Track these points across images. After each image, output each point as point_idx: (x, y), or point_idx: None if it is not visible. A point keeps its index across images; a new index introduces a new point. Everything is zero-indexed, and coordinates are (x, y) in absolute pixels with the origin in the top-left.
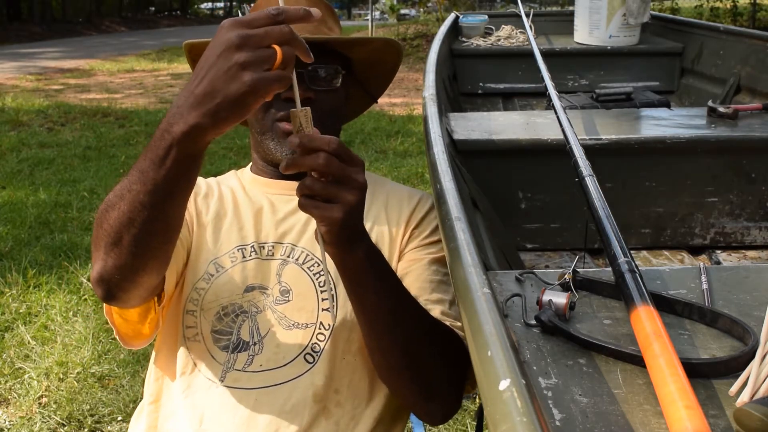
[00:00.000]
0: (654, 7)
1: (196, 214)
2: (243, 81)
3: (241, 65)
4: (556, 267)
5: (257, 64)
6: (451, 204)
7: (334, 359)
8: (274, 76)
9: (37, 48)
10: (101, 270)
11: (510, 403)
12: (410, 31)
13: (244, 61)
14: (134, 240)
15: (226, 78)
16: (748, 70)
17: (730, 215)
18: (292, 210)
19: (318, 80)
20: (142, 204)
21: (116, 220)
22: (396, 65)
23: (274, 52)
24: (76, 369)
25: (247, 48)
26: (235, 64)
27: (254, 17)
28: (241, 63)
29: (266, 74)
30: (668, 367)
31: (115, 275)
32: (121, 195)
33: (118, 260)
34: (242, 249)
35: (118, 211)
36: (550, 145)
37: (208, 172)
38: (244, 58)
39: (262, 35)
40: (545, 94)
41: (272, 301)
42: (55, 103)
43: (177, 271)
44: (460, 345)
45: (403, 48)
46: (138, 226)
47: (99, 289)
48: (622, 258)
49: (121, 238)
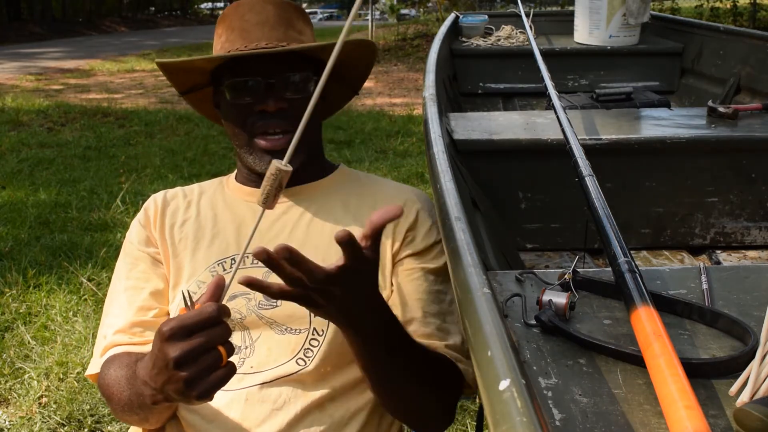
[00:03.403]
0: (654, 7)
1: (171, 244)
2: (192, 395)
3: (185, 382)
4: (556, 267)
5: (203, 378)
6: (451, 204)
7: (327, 361)
8: (221, 376)
9: (37, 48)
10: (117, 416)
11: (510, 403)
12: (410, 31)
13: (188, 377)
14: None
15: (176, 390)
16: (748, 70)
17: (730, 215)
18: (276, 218)
19: (290, 88)
20: (128, 409)
21: (116, 403)
22: (371, 61)
23: (218, 355)
24: (76, 369)
25: (188, 366)
26: (181, 380)
27: (193, 322)
28: (185, 380)
29: (214, 380)
30: (668, 367)
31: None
32: (115, 392)
33: (127, 420)
34: (222, 263)
35: (115, 401)
36: (550, 145)
37: (208, 172)
38: (188, 375)
39: (201, 348)
40: (545, 94)
41: (256, 306)
42: (55, 103)
43: (167, 312)
44: (454, 370)
45: (407, 47)
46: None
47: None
48: (622, 258)
49: (122, 413)
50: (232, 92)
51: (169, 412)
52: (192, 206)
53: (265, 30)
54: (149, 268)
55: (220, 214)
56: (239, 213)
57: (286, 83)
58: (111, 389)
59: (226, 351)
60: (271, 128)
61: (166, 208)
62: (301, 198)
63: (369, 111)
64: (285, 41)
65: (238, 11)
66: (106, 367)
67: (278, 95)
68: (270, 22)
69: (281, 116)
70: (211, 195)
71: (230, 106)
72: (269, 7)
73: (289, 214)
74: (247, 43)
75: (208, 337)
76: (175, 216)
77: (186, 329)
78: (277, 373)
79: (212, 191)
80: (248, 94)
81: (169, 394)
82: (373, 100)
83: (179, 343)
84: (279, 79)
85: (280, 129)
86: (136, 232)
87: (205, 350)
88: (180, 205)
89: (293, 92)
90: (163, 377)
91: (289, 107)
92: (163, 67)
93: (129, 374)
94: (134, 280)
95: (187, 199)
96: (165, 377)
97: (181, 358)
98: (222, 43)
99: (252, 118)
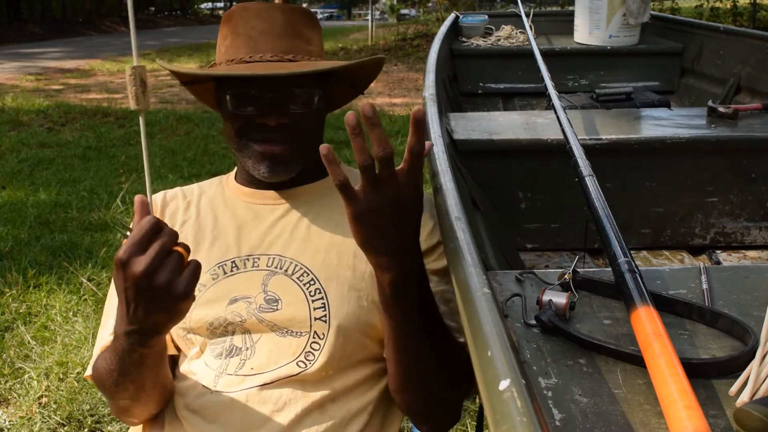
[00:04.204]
0: (654, 7)
1: None
2: (177, 297)
3: (164, 289)
4: (556, 267)
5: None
6: (451, 204)
7: (329, 364)
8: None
9: (37, 48)
10: (117, 414)
11: (510, 403)
12: (410, 31)
13: (163, 283)
14: (130, 397)
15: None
16: (748, 70)
17: (730, 215)
18: (276, 219)
19: (294, 103)
20: (121, 382)
21: (109, 389)
22: (378, 69)
23: (179, 254)
24: (76, 369)
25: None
26: (158, 289)
27: (140, 235)
28: (162, 287)
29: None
30: (668, 367)
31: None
32: (105, 375)
33: (125, 406)
34: (222, 265)
35: (108, 386)
36: (550, 145)
37: (208, 172)
38: (162, 279)
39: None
40: (545, 94)
41: (256, 309)
42: (55, 103)
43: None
44: (466, 358)
45: (407, 47)
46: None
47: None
48: (622, 258)
49: (118, 396)
50: (235, 102)
51: (160, 371)
52: (192, 207)
53: (271, 40)
54: None
55: (220, 216)
56: (239, 214)
57: (290, 98)
58: (101, 375)
59: (184, 249)
60: (269, 140)
61: (165, 208)
62: (301, 200)
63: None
64: (292, 53)
65: (244, 15)
66: (97, 360)
67: (281, 110)
68: (276, 31)
69: (281, 130)
70: (211, 195)
71: (231, 114)
72: (277, 13)
73: (289, 215)
74: (252, 53)
75: (161, 241)
76: (174, 217)
77: (137, 245)
78: (277, 375)
79: (212, 191)
80: (251, 106)
81: (153, 314)
82: (373, 100)
83: (138, 257)
84: (284, 94)
85: (279, 140)
86: None
87: (165, 253)
88: (179, 205)
89: (296, 107)
90: (142, 301)
91: (291, 122)
92: (170, 69)
93: (112, 345)
94: None
95: (186, 200)
96: (143, 300)
97: (148, 267)
98: (227, 47)
99: (251, 128)
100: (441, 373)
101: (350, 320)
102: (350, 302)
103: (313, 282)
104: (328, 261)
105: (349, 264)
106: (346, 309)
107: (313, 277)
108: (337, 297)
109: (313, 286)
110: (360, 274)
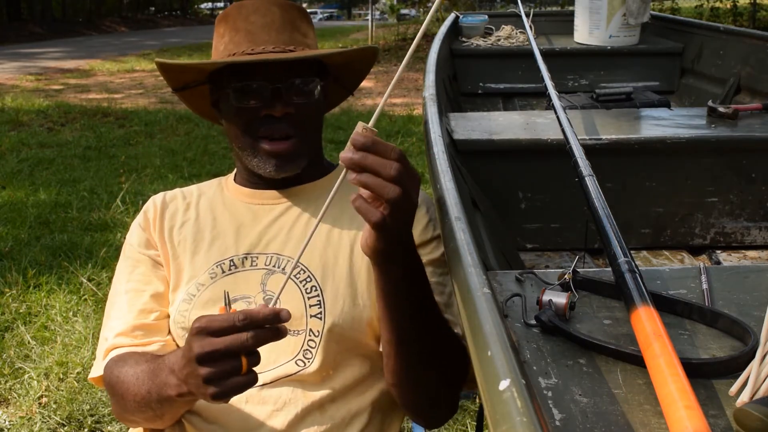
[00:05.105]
0: (654, 7)
1: (170, 246)
2: (207, 393)
3: (204, 379)
4: (556, 267)
5: (220, 379)
6: (451, 204)
7: (327, 362)
8: (239, 383)
9: (37, 48)
10: (119, 416)
11: (510, 403)
12: (410, 31)
13: (206, 376)
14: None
15: (195, 385)
16: (748, 70)
17: (730, 215)
18: (274, 218)
19: (297, 93)
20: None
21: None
22: (370, 64)
23: (238, 364)
24: (76, 369)
25: (209, 364)
26: (200, 377)
27: (219, 325)
28: (203, 377)
29: (231, 385)
30: (668, 368)
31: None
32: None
33: (134, 419)
34: (221, 264)
35: (128, 401)
36: (550, 145)
37: (208, 172)
38: (207, 374)
39: (222, 352)
40: (545, 94)
41: None
42: (55, 103)
43: (168, 315)
44: (462, 350)
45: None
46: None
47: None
48: (622, 258)
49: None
50: (238, 96)
51: (184, 410)
52: (191, 208)
53: (271, 33)
54: (150, 271)
55: (219, 216)
56: (238, 215)
57: (292, 88)
58: (125, 385)
59: (249, 361)
60: (276, 133)
61: (165, 210)
62: (300, 198)
63: (369, 111)
64: (291, 45)
65: (242, 12)
66: (116, 365)
67: (285, 100)
68: (275, 25)
69: (287, 121)
70: (210, 196)
71: (235, 109)
72: (274, 8)
73: (287, 214)
74: (253, 45)
75: (231, 343)
76: (174, 218)
77: (212, 330)
78: (277, 374)
79: (211, 193)
80: (254, 99)
81: (191, 387)
82: (373, 100)
83: (204, 340)
84: (285, 84)
85: (285, 133)
86: (136, 235)
87: (224, 355)
88: (179, 206)
89: (299, 97)
90: (187, 369)
91: (296, 112)
92: (164, 67)
93: (152, 368)
94: (135, 283)
95: (186, 201)
96: (189, 370)
97: (202, 355)
98: (226, 44)
99: (257, 122)
100: (438, 366)
101: (345, 317)
102: (346, 299)
103: (310, 279)
104: (326, 258)
105: (346, 261)
106: (342, 306)
107: (309, 274)
108: (332, 294)
109: (310, 283)
110: (357, 271)
